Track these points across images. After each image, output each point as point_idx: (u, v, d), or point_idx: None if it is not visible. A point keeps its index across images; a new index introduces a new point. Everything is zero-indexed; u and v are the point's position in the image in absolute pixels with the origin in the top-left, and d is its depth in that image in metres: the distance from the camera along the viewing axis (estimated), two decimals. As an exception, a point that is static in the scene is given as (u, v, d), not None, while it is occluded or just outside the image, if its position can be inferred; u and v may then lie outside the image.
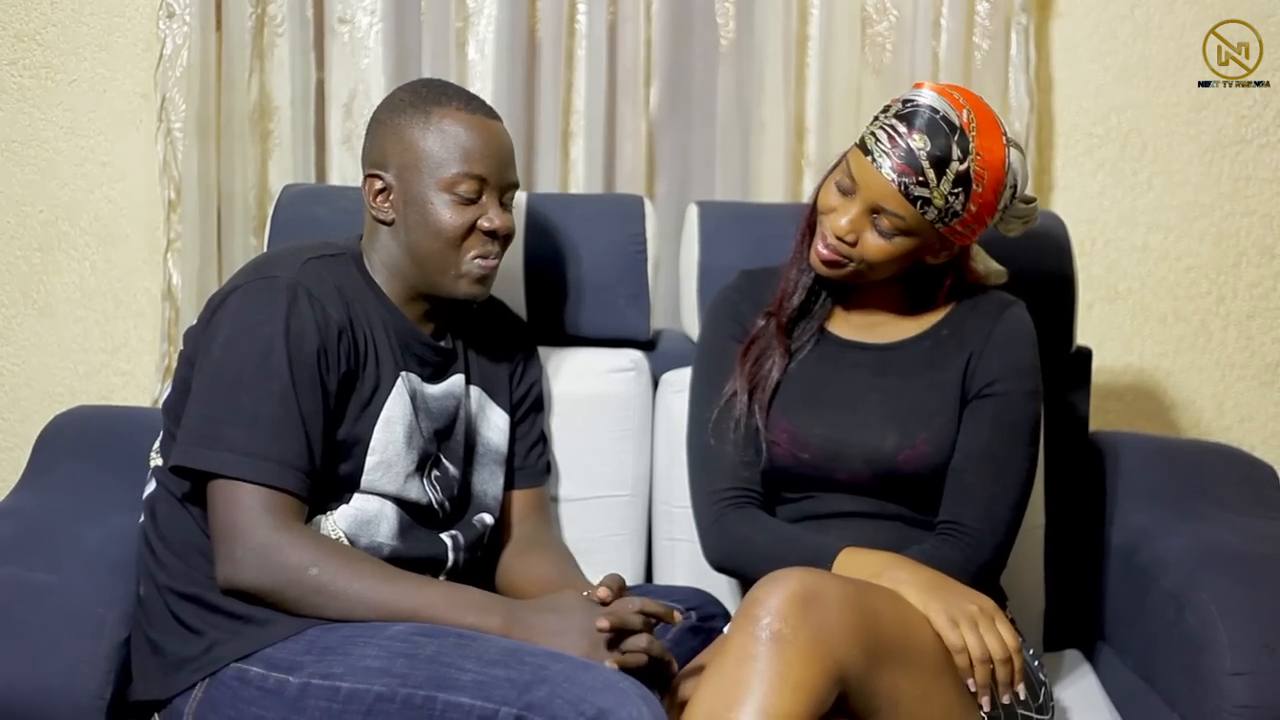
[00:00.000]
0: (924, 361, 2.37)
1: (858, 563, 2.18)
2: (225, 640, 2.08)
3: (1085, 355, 2.87)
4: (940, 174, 2.21)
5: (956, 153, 2.21)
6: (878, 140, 2.24)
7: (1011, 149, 2.29)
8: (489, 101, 3.10)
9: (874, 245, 2.28)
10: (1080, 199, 3.33)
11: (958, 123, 2.22)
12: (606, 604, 2.06)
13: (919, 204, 2.22)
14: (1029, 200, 2.39)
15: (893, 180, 2.21)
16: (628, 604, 2.04)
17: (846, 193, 2.28)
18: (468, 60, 3.25)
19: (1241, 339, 3.39)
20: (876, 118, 2.28)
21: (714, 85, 3.25)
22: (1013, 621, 2.38)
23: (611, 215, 2.80)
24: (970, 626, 2.04)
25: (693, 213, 2.80)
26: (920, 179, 2.21)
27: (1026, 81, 3.21)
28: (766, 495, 2.39)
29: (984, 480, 2.29)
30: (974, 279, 2.44)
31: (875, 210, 2.25)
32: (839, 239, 2.28)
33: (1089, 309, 3.30)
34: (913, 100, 2.24)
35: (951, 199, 2.23)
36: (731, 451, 2.38)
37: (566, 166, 3.28)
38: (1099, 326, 3.34)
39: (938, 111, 2.22)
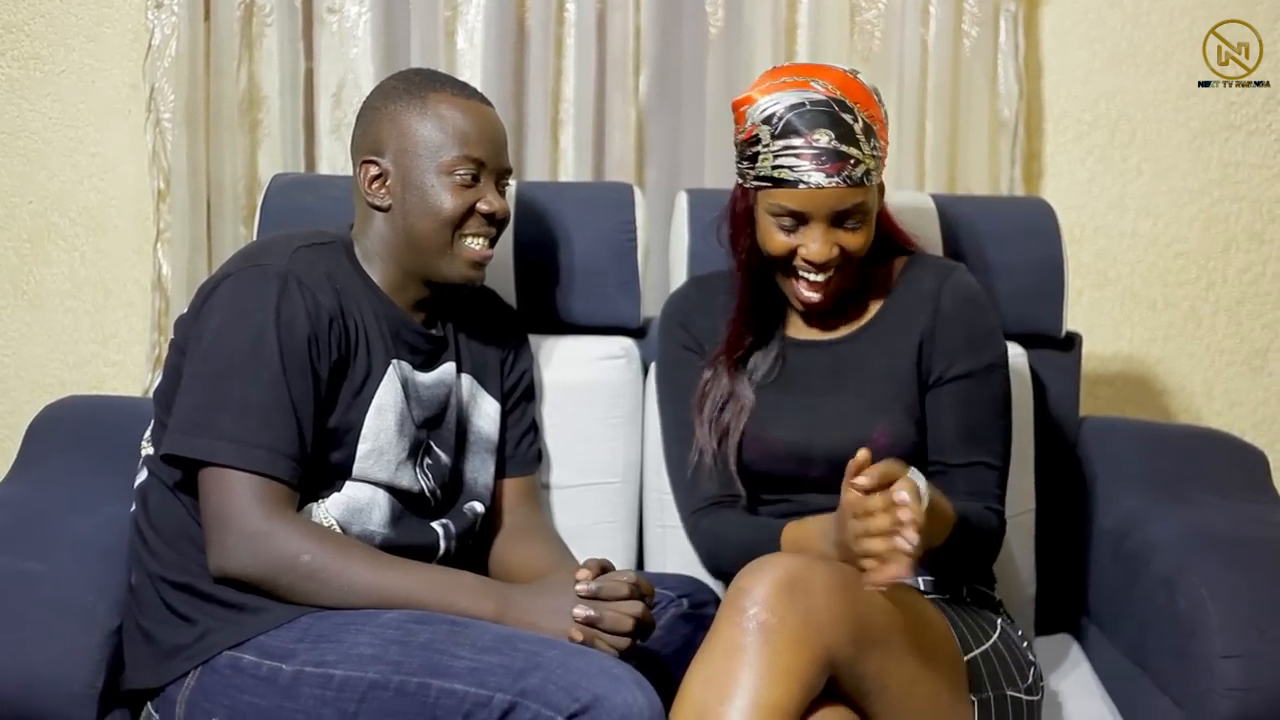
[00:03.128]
0: (876, 350, 2.36)
1: (800, 535, 2.19)
2: (218, 628, 2.08)
3: (1075, 341, 2.87)
4: (856, 144, 2.19)
5: (848, 118, 2.20)
6: (791, 168, 2.20)
7: (857, 75, 2.26)
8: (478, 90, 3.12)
9: (854, 242, 2.26)
10: (1070, 185, 3.34)
11: (824, 96, 2.20)
12: (585, 595, 2.06)
13: (863, 179, 2.21)
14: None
15: (834, 183, 2.19)
16: (617, 576, 2.05)
17: (795, 225, 2.25)
18: (457, 49, 3.25)
19: (1231, 324, 3.39)
20: (754, 155, 2.24)
21: (703, 73, 3.25)
22: (1000, 605, 2.39)
23: (602, 203, 2.79)
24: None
25: (682, 200, 2.80)
26: (851, 160, 2.19)
27: (1016, 68, 3.21)
28: (748, 496, 2.40)
29: (965, 460, 2.29)
30: (902, 239, 2.44)
31: (837, 220, 2.23)
32: (823, 262, 2.25)
33: (1079, 295, 3.31)
34: (771, 113, 2.20)
35: (873, 150, 2.22)
36: (702, 474, 2.40)
37: (556, 155, 3.29)
38: (1089, 312, 3.35)
39: (804, 104, 2.19)
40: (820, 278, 2.27)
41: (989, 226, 2.72)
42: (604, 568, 2.09)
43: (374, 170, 2.26)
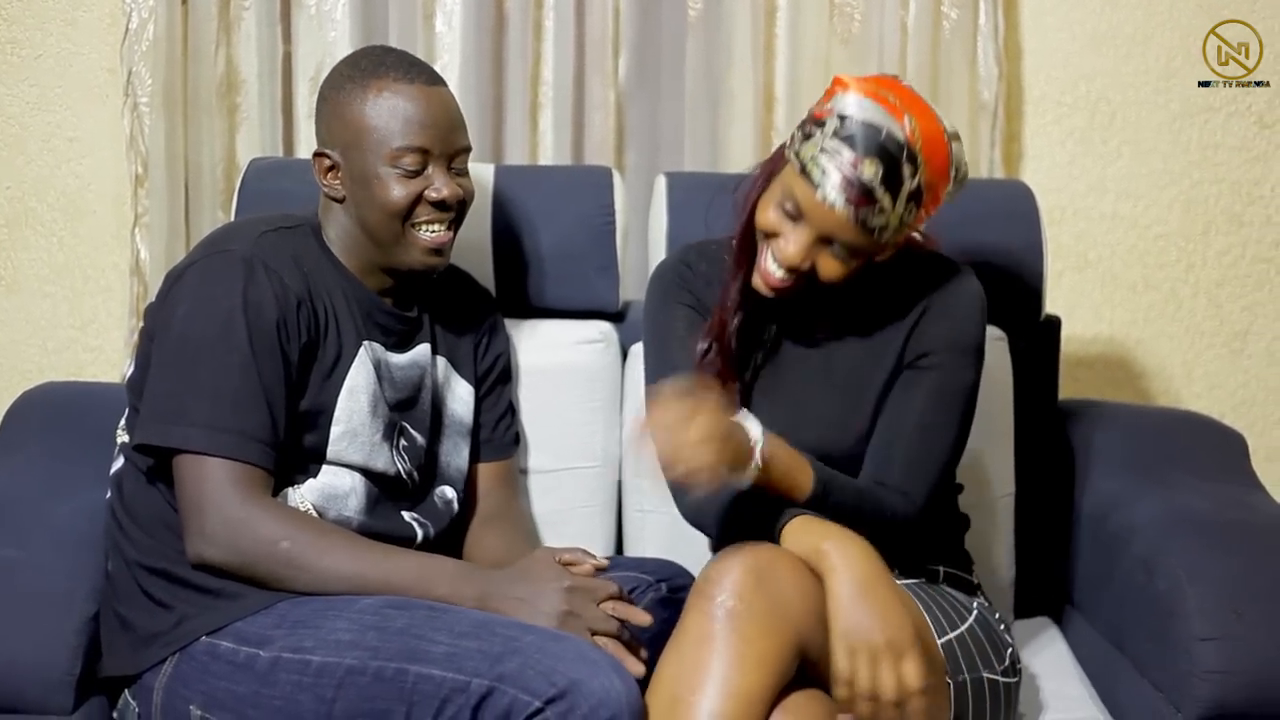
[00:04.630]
0: (866, 346, 2.31)
1: (802, 533, 2.07)
2: (195, 614, 2.07)
3: (1055, 324, 2.88)
4: (894, 197, 2.08)
5: (907, 171, 2.07)
6: (823, 171, 2.08)
7: (953, 143, 2.15)
8: (457, 73, 3.12)
9: (829, 268, 2.16)
10: (1049, 168, 3.34)
11: (903, 138, 2.06)
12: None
13: (875, 232, 2.10)
14: (963, 175, 2.23)
15: (848, 215, 2.08)
16: (605, 587, 2.06)
17: (792, 217, 2.15)
18: (435, 32, 3.24)
19: (1211, 307, 3.40)
20: (809, 134, 2.12)
21: (683, 56, 3.24)
22: (978, 587, 2.39)
23: (580, 187, 2.79)
24: (868, 660, 1.92)
25: (661, 183, 2.80)
26: (876, 207, 2.07)
27: (995, 50, 3.21)
28: None
29: (911, 446, 2.22)
30: (916, 245, 2.32)
31: (827, 239, 2.13)
32: (790, 268, 2.16)
33: (1058, 278, 3.30)
34: (848, 116, 2.08)
35: (906, 214, 2.11)
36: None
37: (535, 138, 3.28)
38: (1068, 295, 3.35)
39: (880, 130, 2.06)
40: (780, 274, 2.18)
41: (968, 209, 2.71)
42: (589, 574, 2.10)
43: (327, 162, 2.26)
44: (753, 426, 2.03)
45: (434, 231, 2.25)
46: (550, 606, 2.01)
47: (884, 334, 2.30)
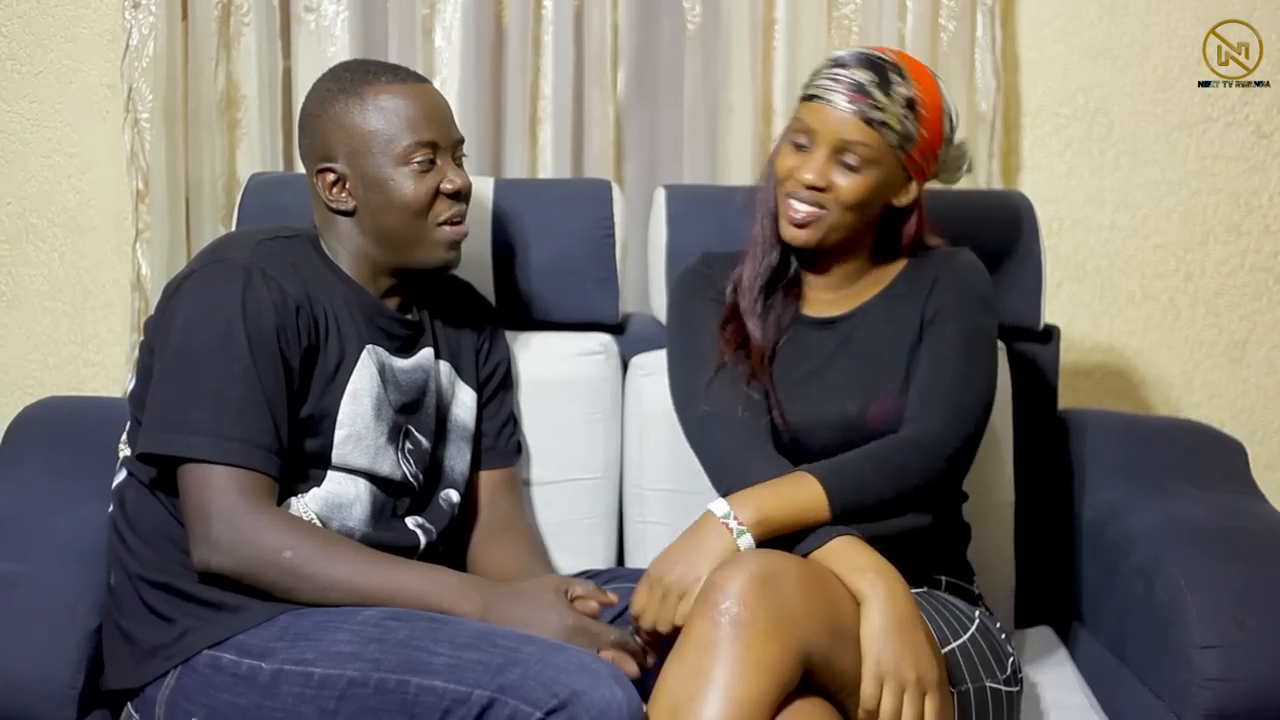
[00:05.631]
0: (884, 320, 2.37)
1: (848, 554, 2.08)
2: (197, 627, 2.08)
3: (1054, 334, 2.88)
4: (888, 95, 2.25)
5: (895, 78, 2.27)
6: (823, 87, 2.28)
7: (941, 85, 2.35)
8: (456, 88, 3.14)
9: (846, 186, 2.28)
10: (1048, 178, 3.35)
11: (889, 58, 2.30)
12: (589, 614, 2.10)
13: (878, 127, 2.26)
14: (962, 143, 2.43)
15: (850, 110, 2.25)
16: (607, 633, 2.07)
17: (804, 147, 2.29)
18: (434, 47, 3.25)
19: (1210, 316, 3.40)
20: (811, 78, 2.33)
21: (681, 69, 3.25)
22: (980, 598, 2.40)
23: (580, 200, 2.79)
24: (895, 690, 1.96)
25: (660, 196, 2.80)
26: (873, 102, 2.25)
27: (993, 62, 3.22)
28: None
29: (950, 392, 2.25)
30: (922, 239, 2.44)
31: (839, 149, 2.27)
32: (810, 188, 2.28)
33: (1057, 288, 3.31)
34: (840, 57, 2.32)
35: (905, 121, 2.27)
36: (736, 416, 2.32)
37: (535, 152, 3.28)
38: (1067, 305, 3.36)
39: (868, 54, 2.30)
40: (805, 208, 2.29)
41: (967, 220, 2.72)
42: (594, 613, 2.12)
43: (331, 176, 2.25)
44: (716, 505, 2.11)
45: (454, 225, 2.27)
46: (552, 629, 2.03)
47: (903, 310, 2.37)
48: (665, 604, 2.02)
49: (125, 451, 2.25)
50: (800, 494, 2.13)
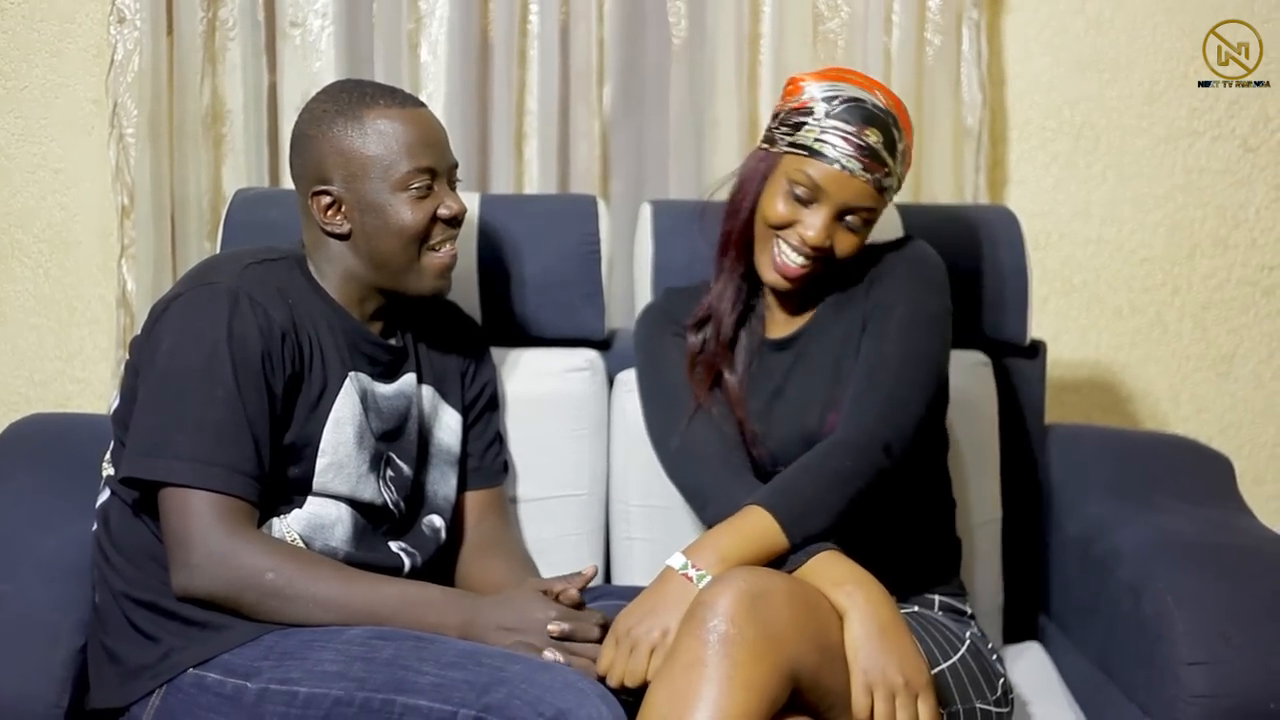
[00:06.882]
0: (832, 327, 2.38)
1: (826, 569, 2.09)
2: (182, 647, 2.07)
3: (1040, 348, 2.88)
4: (894, 156, 2.26)
5: (896, 134, 2.27)
6: (833, 145, 2.24)
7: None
8: (442, 103, 3.13)
9: (847, 243, 2.29)
10: (1034, 192, 3.35)
11: (885, 105, 2.27)
12: (576, 605, 2.10)
13: (886, 193, 2.28)
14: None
15: (868, 180, 2.24)
16: (588, 617, 2.08)
17: (806, 202, 2.27)
18: (420, 62, 3.25)
19: (1197, 330, 3.40)
20: (799, 124, 2.28)
21: (667, 84, 3.26)
22: (972, 617, 2.39)
23: (565, 215, 2.79)
24: (886, 696, 1.96)
25: (646, 211, 2.80)
26: (886, 170, 2.25)
27: (979, 76, 3.22)
28: None
29: (877, 380, 2.24)
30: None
31: (845, 211, 2.26)
32: (815, 248, 2.26)
33: (1044, 302, 3.31)
34: (834, 96, 2.26)
35: (901, 174, 2.31)
36: (710, 449, 2.34)
37: (520, 167, 3.28)
38: (1054, 320, 3.36)
39: (866, 102, 2.26)
40: (800, 262, 2.29)
41: (953, 234, 2.72)
42: (577, 602, 2.11)
43: (326, 199, 2.24)
44: (673, 559, 2.10)
45: (445, 250, 2.26)
46: (538, 639, 2.02)
47: (848, 313, 2.37)
48: (635, 658, 2.00)
49: (109, 470, 2.24)
50: (750, 526, 2.11)
